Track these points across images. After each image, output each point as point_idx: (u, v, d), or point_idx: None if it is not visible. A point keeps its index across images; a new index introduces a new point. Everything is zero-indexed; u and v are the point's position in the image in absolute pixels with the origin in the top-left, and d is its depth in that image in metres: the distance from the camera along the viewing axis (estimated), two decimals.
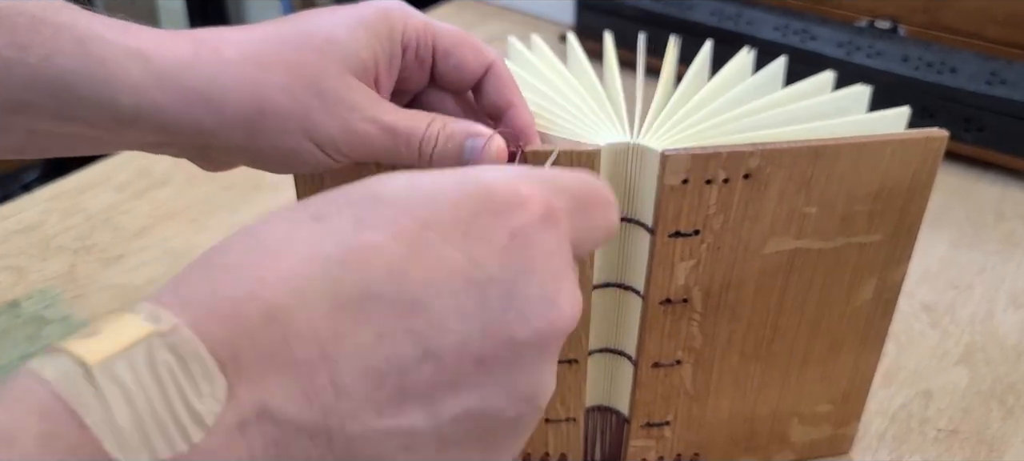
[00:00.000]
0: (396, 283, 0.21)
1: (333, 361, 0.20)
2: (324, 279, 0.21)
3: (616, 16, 0.86)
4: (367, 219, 0.22)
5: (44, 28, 0.30)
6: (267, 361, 0.20)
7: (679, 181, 0.36)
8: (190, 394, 0.18)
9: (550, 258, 0.23)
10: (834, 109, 0.41)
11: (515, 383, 0.22)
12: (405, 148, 0.34)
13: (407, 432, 0.21)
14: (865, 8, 0.79)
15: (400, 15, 0.35)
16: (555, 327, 0.23)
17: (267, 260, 0.21)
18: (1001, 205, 0.72)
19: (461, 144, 0.34)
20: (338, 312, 0.20)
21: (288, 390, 0.20)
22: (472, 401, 0.22)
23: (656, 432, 0.45)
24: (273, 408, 0.19)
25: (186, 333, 0.19)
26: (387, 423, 0.21)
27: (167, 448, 0.18)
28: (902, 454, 0.49)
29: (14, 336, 0.56)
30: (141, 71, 0.31)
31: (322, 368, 0.20)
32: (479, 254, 0.22)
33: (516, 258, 0.22)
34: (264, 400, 0.19)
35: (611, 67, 0.42)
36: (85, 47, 0.30)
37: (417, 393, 0.21)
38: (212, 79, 0.31)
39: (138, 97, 0.31)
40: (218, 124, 0.32)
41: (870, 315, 0.43)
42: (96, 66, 0.30)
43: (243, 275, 0.21)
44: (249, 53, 0.32)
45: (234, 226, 0.66)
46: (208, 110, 0.32)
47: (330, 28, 0.33)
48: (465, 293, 0.22)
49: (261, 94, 0.32)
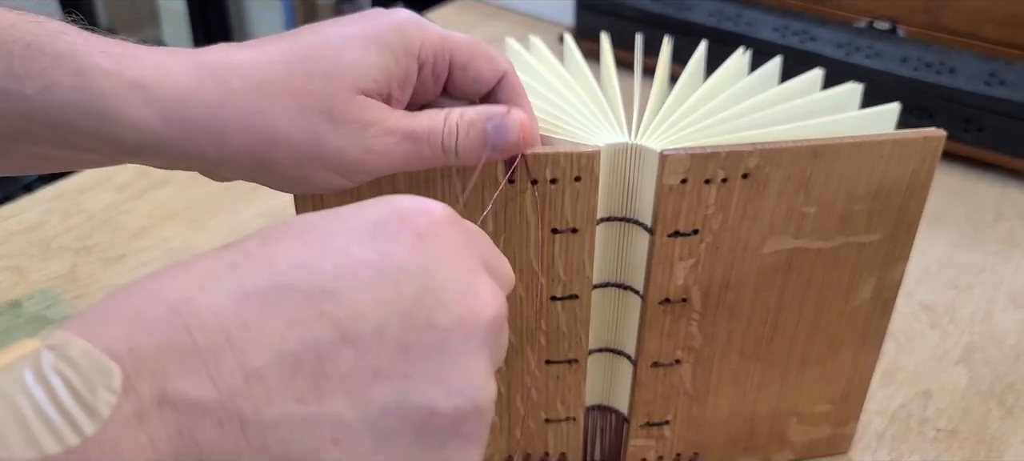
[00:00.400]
0: (306, 273, 0.22)
1: (239, 348, 0.20)
2: (229, 275, 0.21)
3: (616, 17, 0.86)
4: (273, 235, 0.23)
5: (41, 57, 0.29)
6: (168, 350, 0.20)
7: (678, 181, 0.36)
8: (83, 391, 0.19)
9: (460, 253, 0.24)
10: (828, 107, 0.41)
11: (444, 374, 0.22)
12: (429, 149, 0.33)
13: (333, 422, 0.21)
14: (864, 9, 0.79)
15: (417, 31, 0.33)
16: (477, 315, 0.23)
17: (175, 272, 0.22)
18: (1000, 205, 0.72)
19: (483, 129, 0.33)
20: (243, 302, 0.21)
21: (190, 376, 0.20)
22: (400, 392, 0.22)
23: (656, 431, 0.45)
24: (173, 394, 0.20)
25: (78, 341, 0.19)
26: (309, 410, 0.21)
27: (56, 443, 0.18)
28: (901, 454, 0.49)
29: (15, 336, 0.56)
30: (142, 103, 0.29)
31: (228, 354, 0.20)
32: (388, 249, 0.23)
33: (425, 252, 0.23)
34: (164, 387, 0.20)
35: (608, 68, 0.43)
36: (84, 79, 0.29)
37: (339, 379, 0.21)
38: (216, 110, 0.30)
39: (140, 131, 0.30)
40: (222, 156, 0.31)
41: (869, 314, 0.43)
42: (96, 99, 0.29)
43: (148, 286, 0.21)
44: (255, 81, 0.31)
45: (234, 226, 0.66)
46: (211, 142, 0.30)
47: (339, 47, 0.32)
48: (378, 281, 0.22)
49: (268, 125, 0.30)
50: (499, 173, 0.36)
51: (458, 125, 0.33)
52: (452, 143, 0.33)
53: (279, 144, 0.31)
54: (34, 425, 0.18)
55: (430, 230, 0.23)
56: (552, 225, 0.37)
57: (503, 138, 0.33)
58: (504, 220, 0.37)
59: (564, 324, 0.40)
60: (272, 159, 0.31)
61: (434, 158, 0.33)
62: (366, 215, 0.24)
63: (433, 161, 0.33)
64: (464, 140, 0.33)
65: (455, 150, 0.33)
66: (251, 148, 0.31)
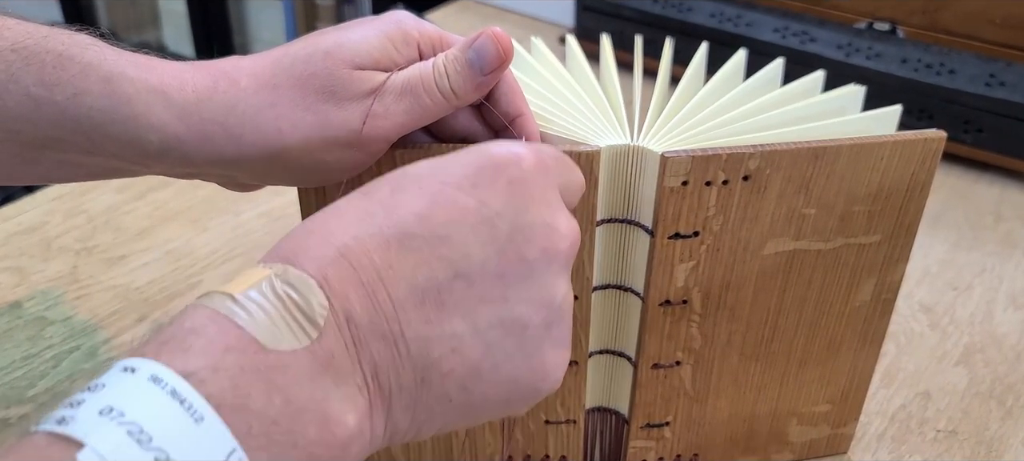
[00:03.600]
0: (425, 224, 0.27)
1: (388, 283, 0.26)
2: (371, 223, 0.27)
3: (616, 18, 0.86)
4: (399, 185, 0.28)
5: (71, 66, 0.31)
6: (345, 283, 0.26)
7: (679, 183, 0.36)
8: (304, 306, 0.25)
9: (544, 194, 0.29)
10: (830, 109, 0.41)
11: (533, 293, 0.28)
12: (428, 96, 0.34)
13: (452, 336, 0.27)
14: (864, 10, 0.79)
15: (413, 24, 0.36)
16: (557, 246, 0.29)
17: (332, 220, 0.27)
18: (1000, 206, 0.72)
19: (467, 59, 0.35)
20: (385, 248, 0.27)
21: (363, 302, 0.26)
22: (501, 310, 0.28)
23: (656, 433, 0.45)
24: (354, 315, 0.26)
25: (293, 269, 0.25)
26: (434, 329, 0.27)
27: (295, 341, 0.24)
28: (901, 455, 0.50)
29: (16, 337, 0.56)
30: (163, 108, 0.32)
31: (381, 288, 0.26)
32: (486, 198, 0.28)
33: (516, 198, 0.28)
34: (348, 310, 0.26)
35: (609, 69, 0.43)
36: (111, 86, 0.31)
37: (454, 306, 0.27)
38: (230, 109, 0.32)
39: (162, 133, 0.32)
40: (239, 153, 0.33)
41: (869, 315, 0.43)
42: (122, 105, 0.31)
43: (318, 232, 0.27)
44: (263, 79, 0.33)
45: (235, 227, 0.66)
46: (228, 140, 0.33)
47: (340, 34, 0.34)
48: (480, 227, 0.27)
49: (278, 115, 0.33)
50: None
51: (445, 65, 0.35)
52: (445, 83, 0.35)
53: (289, 131, 0.33)
54: (280, 327, 0.24)
55: (520, 177, 0.28)
56: None
57: (485, 58, 0.35)
58: None
59: None
60: (285, 147, 0.33)
61: (435, 105, 0.35)
62: (468, 163, 0.28)
63: (435, 109, 0.35)
64: (455, 76, 0.35)
65: (450, 89, 0.35)
66: (265, 141, 0.33)
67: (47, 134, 0.32)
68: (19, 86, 0.31)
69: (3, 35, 0.31)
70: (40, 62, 0.31)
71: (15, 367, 0.54)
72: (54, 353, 0.55)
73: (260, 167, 0.34)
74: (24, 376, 0.53)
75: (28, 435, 0.21)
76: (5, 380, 0.53)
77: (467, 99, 0.35)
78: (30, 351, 0.55)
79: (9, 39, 0.31)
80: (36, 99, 0.31)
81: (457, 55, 0.35)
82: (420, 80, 0.34)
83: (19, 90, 0.31)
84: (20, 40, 0.31)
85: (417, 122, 0.35)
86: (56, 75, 0.31)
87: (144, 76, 0.32)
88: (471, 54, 0.35)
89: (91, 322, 0.57)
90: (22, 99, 0.31)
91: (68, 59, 0.31)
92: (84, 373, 0.53)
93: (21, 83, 0.31)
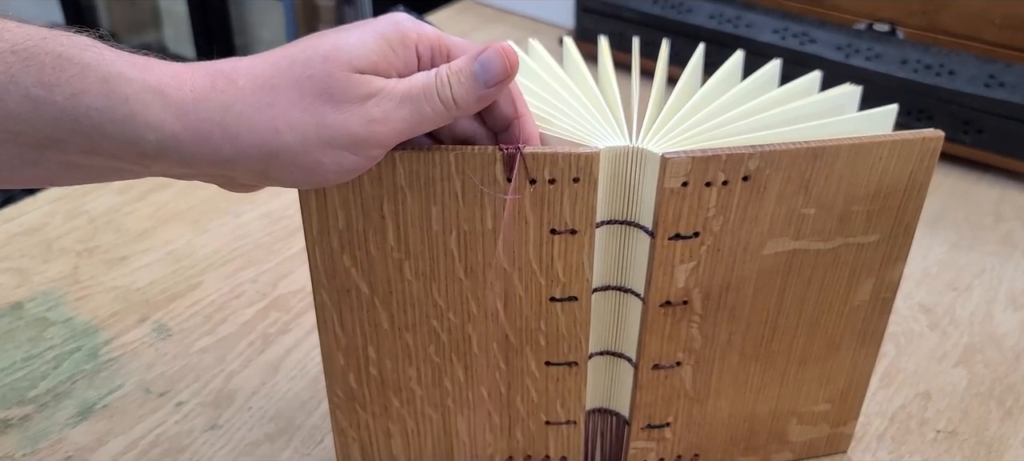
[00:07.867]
0: None
1: None
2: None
3: (616, 19, 0.87)
4: None
5: (70, 67, 0.31)
6: None
7: (679, 184, 0.36)
8: None
9: None
10: (827, 108, 0.41)
11: None
12: (429, 105, 0.34)
13: None
14: (864, 11, 0.79)
15: (411, 26, 0.36)
16: None
17: None
18: (1000, 207, 0.72)
19: (472, 71, 0.35)
20: None
21: None
22: None
23: (656, 434, 0.45)
24: None
25: None
26: None
27: None
28: (901, 455, 0.50)
29: (17, 338, 0.56)
30: (161, 107, 0.32)
31: None
32: None
33: None
34: None
35: (607, 71, 0.43)
36: (109, 86, 0.31)
37: None
38: (227, 109, 0.33)
39: (159, 132, 0.32)
40: (236, 152, 0.33)
41: (868, 314, 0.43)
42: (120, 104, 0.31)
43: None
44: (261, 79, 0.33)
45: (235, 228, 0.66)
46: (225, 139, 0.33)
47: (338, 37, 0.34)
48: None
49: (275, 115, 0.33)
50: (498, 172, 0.36)
51: (449, 75, 0.35)
52: (448, 93, 0.34)
53: (286, 131, 0.33)
54: None
55: None
56: (551, 226, 0.37)
57: (491, 71, 0.35)
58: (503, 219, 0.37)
59: (564, 326, 0.41)
60: (281, 147, 0.33)
61: (436, 114, 0.35)
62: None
63: (435, 118, 0.35)
64: (458, 87, 0.34)
65: (453, 99, 0.35)
66: (262, 141, 0.33)
67: (47, 135, 0.32)
68: (19, 87, 0.31)
69: (3, 37, 0.31)
70: (39, 63, 0.31)
71: (16, 368, 0.54)
72: (55, 354, 0.55)
73: (257, 167, 0.34)
74: (25, 377, 0.53)
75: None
76: (6, 381, 0.53)
77: (469, 110, 0.35)
78: (31, 352, 0.55)
79: (9, 41, 0.31)
80: (35, 100, 0.31)
81: (462, 66, 0.35)
82: (422, 89, 0.34)
83: (19, 91, 0.31)
84: (20, 42, 0.31)
85: (416, 129, 0.35)
86: (55, 76, 0.31)
87: (142, 76, 0.32)
88: (477, 67, 0.35)
89: (92, 323, 0.57)
90: (22, 100, 0.31)
91: (67, 60, 0.31)
92: (85, 374, 0.54)
93: (21, 84, 0.31)
